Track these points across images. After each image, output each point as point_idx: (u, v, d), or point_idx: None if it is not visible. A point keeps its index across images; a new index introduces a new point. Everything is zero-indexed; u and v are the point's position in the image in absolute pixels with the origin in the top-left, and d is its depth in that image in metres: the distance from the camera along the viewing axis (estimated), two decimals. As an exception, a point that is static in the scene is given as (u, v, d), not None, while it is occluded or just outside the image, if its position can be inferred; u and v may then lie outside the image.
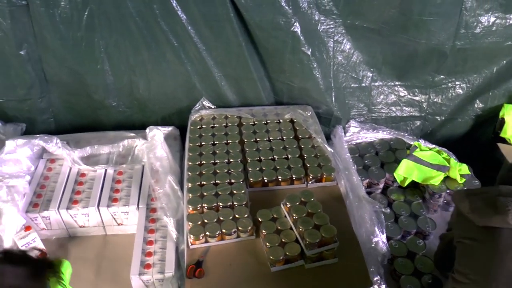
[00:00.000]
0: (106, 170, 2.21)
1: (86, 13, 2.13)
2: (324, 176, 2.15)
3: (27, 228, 1.93)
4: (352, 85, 2.49)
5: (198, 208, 1.94)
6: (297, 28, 2.20)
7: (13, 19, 2.16)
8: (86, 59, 2.28)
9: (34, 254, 1.69)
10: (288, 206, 1.95)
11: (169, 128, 2.34)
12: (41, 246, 1.97)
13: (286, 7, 2.14)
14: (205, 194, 1.99)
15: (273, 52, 2.30)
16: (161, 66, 2.30)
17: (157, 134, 2.21)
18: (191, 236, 1.86)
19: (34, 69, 2.33)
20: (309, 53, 2.28)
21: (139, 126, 2.48)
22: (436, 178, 2.19)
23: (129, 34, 2.19)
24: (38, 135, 2.23)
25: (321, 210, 1.93)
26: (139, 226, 1.99)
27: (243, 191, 2.01)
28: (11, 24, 2.17)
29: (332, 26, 2.28)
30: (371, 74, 2.47)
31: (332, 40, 2.32)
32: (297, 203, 1.95)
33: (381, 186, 2.30)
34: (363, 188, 2.14)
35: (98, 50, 2.25)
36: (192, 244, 1.87)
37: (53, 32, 2.19)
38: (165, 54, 2.25)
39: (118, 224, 2.11)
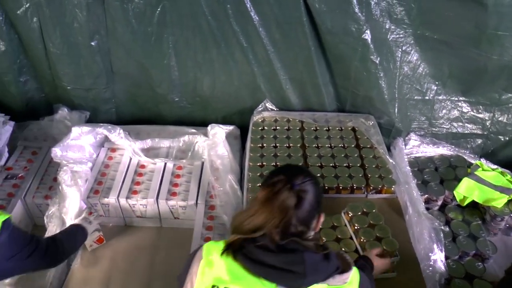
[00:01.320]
0: (165, 163, 2.23)
1: (159, 9, 2.16)
2: (385, 187, 2.11)
3: (91, 213, 2.00)
4: (415, 97, 2.44)
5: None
6: (367, 35, 2.17)
7: (89, 11, 2.21)
8: (154, 54, 2.31)
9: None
10: (349, 215, 1.92)
11: (230, 127, 2.34)
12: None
13: (359, 14, 2.11)
14: (265, 196, 1.97)
15: (341, 59, 2.27)
16: (228, 65, 2.31)
17: (219, 132, 2.21)
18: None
19: (102, 60, 2.38)
20: (377, 62, 2.25)
21: (198, 123, 2.50)
22: (499, 200, 2.11)
23: (199, 32, 2.20)
24: (102, 124, 2.28)
25: (383, 222, 1.90)
26: (198, 222, 2.00)
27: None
28: (86, 16, 2.22)
29: (401, 35, 2.24)
30: (435, 87, 2.41)
31: (400, 50, 2.28)
32: (359, 213, 1.92)
33: (439, 203, 2.23)
34: (423, 204, 2.08)
35: (167, 46, 2.27)
36: (250, 245, 1.85)
37: (125, 26, 2.23)
38: (233, 53, 2.26)
39: (175, 218, 2.12)
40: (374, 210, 1.95)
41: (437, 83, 2.39)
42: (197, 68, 2.35)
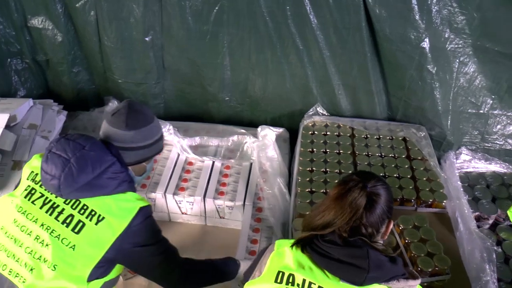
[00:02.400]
0: (213, 162, 2.22)
1: (216, 8, 2.16)
2: (436, 202, 2.05)
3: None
4: (469, 110, 2.36)
5: (306, 214, 1.90)
6: (426, 44, 2.12)
7: (146, 7, 2.24)
8: (208, 52, 2.32)
9: None
10: (400, 227, 1.87)
11: (280, 130, 2.32)
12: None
13: (420, 21, 2.06)
14: (314, 201, 1.95)
15: (396, 66, 2.22)
16: (282, 67, 2.29)
17: (269, 134, 2.20)
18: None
19: (155, 55, 2.41)
20: (433, 71, 2.19)
21: (246, 123, 2.50)
22: (555, 224, 2.03)
23: (255, 32, 2.19)
24: (152, 119, 2.29)
25: (435, 237, 1.84)
26: (245, 223, 1.98)
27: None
28: (143, 12, 2.25)
29: (460, 45, 2.17)
30: (491, 101, 2.33)
31: (457, 60, 2.21)
32: (410, 227, 1.87)
33: (491, 221, 2.16)
34: (474, 222, 2.02)
35: (221, 45, 2.28)
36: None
37: (180, 23, 2.25)
38: (288, 56, 2.24)
39: (220, 217, 2.11)
40: (425, 225, 1.90)
41: (493, 97, 2.31)
42: (250, 69, 2.34)
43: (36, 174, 1.42)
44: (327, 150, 2.22)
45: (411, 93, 2.30)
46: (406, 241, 1.82)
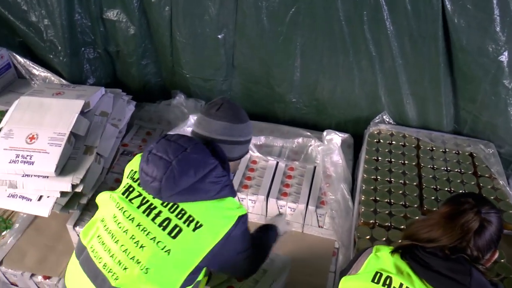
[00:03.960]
0: (277, 162, 2.24)
1: (293, 9, 2.17)
2: (505, 223, 1.99)
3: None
4: (543, 130, 2.28)
5: (370, 222, 1.89)
6: (504, 58, 2.05)
7: (221, 5, 2.28)
8: (279, 53, 2.33)
9: None
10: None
11: (345, 135, 2.30)
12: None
13: (500, 34, 1.99)
14: (378, 210, 1.93)
15: (470, 79, 2.16)
16: (352, 72, 2.28)
17: (335, 138, 2.19)
18: (358, 249, 1.81)
19: (225, 53, 2.44)
20: (509, 87, 2.12)
21: (310, 126, 2.50)
22: None
23: (330, 36, 2.19)
24: (218, 115, 2.32)
25: (505, 260, 1.78)
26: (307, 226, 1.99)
27: (417, 217, 1.92)
28: (218, 10, 2.29)
29: (541, 63, 2.10)
30: None
31: (536, 77, 2.14)
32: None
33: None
34: (546, 247, 1.94)
35: (294, 46, 2.28)
36: (357, 256, 1.82)
37: (255, 23, 2.27)
38: (360, 61, 2.23)
39: (281, 218, 2.13)
40: (494, 244, 1.84)
41: None
42: (320, 72, 2.33)
43: (135, 172, 1.40)
44: (392, 160, 2.18)
45: (482, 108, 2.24)
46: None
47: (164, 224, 1.29)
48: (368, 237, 1.84)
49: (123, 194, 1.38)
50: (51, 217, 2.02)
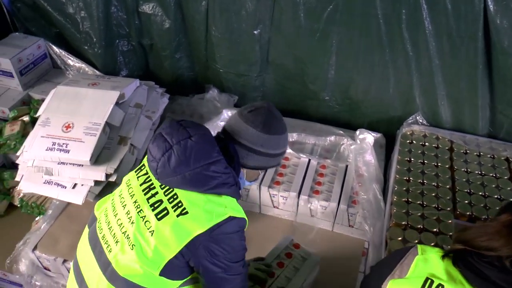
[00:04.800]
0: (309, 160, 2.24)
1: (330, 6, 2.15)
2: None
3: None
4: None
5: (402, 223, 1.88)
6: (546, 62, 2.01)
7: (259, 1, 2.28)
8: (315, 50, 2.32)
9: None
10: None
11: (378, 135, 2.29)
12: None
13: (543, 37, 1.96)
14: (411, 212, 1.91)
15: (509, 82, 2.12)
16: (387, 72, 2.26)
17: (368, 138, 2.18)
18: (389, 250, 1.80)
19: (260, 49, 2.44)
20: (550, 91, 2.08)
21: (342, 124, 2.48)
22: None
23: (367, 34, 2.17)
24: (251, 110, 2.33)
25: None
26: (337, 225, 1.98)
27: (450, 220, 1.90)
28: (255, 6, 2.29)
29: None
30: None
31: None
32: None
33: None
34: None
35: (330, 44, 2.27)
36: (388, 257, 1.81)
37: (292, 19, 2.26)
38: (396, 60, 2.20)
39: (311, 216, 2.13)
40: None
41: None
42: (355, 70, 2.32)
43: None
44: (425, 161, 2.16)
45: (521, 112, 2.20)
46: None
47: (156, 205, 1.30)
48: (400, 238, 1.83)
49: (135, 171, 1.44)
50: (83, 205, 2.08)
